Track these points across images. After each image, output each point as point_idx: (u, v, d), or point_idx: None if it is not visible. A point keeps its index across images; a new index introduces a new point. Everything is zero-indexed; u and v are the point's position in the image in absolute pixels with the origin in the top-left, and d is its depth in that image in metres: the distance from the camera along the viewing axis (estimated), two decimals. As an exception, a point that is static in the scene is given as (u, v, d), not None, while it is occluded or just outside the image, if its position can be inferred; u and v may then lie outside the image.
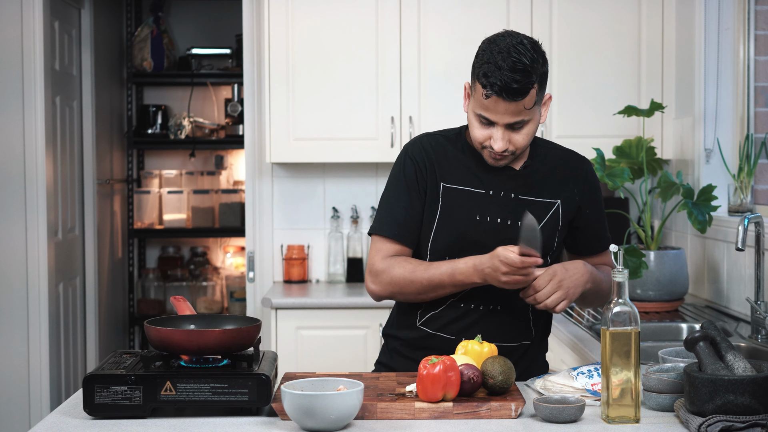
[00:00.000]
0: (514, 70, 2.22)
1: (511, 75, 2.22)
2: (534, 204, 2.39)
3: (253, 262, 4.63)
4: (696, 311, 3.57)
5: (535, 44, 2.30)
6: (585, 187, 2.46)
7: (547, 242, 2.39)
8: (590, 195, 2.48)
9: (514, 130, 2.31)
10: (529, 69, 2.23)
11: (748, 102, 3.75)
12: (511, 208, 2.39)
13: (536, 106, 2.30)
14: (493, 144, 2.32)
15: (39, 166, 4.68)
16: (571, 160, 2.48)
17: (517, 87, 2.23)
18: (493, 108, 2.28)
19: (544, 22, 4.24)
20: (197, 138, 6.06)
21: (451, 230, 2.39)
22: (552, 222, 2.41)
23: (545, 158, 2.44)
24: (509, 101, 2.25)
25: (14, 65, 4.65)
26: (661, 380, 2.08)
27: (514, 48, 2.25)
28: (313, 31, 4.27)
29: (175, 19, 6.38)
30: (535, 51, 2.27)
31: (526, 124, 2.31)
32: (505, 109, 2.27)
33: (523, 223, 2.25)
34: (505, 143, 2.31)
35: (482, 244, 2.36)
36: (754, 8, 3.73)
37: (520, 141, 2.32)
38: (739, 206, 3.61)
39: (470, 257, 2.33)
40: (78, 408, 2.11)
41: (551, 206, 2.41)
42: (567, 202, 2.43)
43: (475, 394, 2.13)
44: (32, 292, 4.70)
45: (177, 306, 2.35)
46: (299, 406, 1.94)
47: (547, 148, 2.48)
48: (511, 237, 2.34)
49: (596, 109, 4.26)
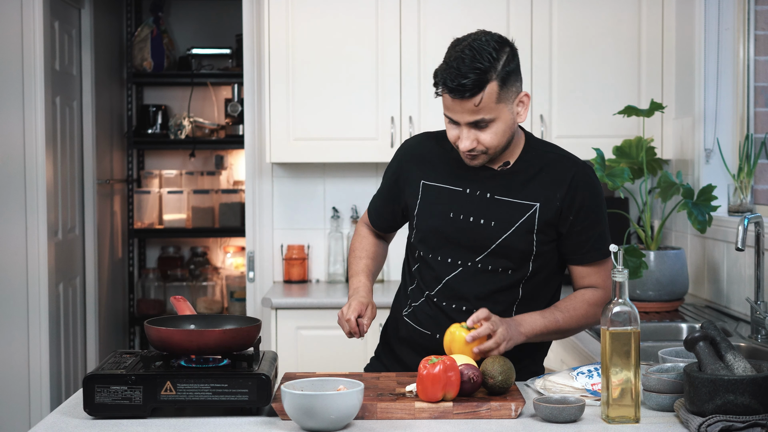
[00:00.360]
0: (462, 68, 2.22)
1: (458, 73, 2.22)
2: (509, 204, 2.38)
3: (253, 262, 4.63)
4: (696, 311, 3.57)
5: (500, 42, 2.28)
6: (571, 192, 2.37)
7: (522, 244, 2.38)
8: (576, 200, 2.37)
9: (480, 128, 2.30)
10: (480, 67, 2.22)
11: (748, 102, 3.75)
12: (485, 208, 2.39)
13: (501, 104, 2.27)
14: (459, 144, 2.33)
15: (39, 166, 4.68)
16: (562, 164, 2.40)
17: (465, 84, 2.22)
18: (452, 107, 2.29)
19: (544, 22, 4.24)
20: (197, 138, 6.06)
21: (427, 226, 2.44)
22: (527, 224, 2.37)
23: (534, 160, 2.41)
24: (460, 99, 2.25)
25: (14, 65, 4.65)
26: (661, 380, 2.08)
27: (468, 46, 2.25)
28: (313, 31, 4.27)
29: (175, 19, 6.38)
30: (497, 49, 2.25)
31: (492, 123, 2.29)
32: (461, 107, 2.27)
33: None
34: (470, 142, 2.31)
35: (456, 240, 2.40)
36: (754, 8, 3.73)
37: (487, 140, 2.31)
38: (739, 206, 3.61)
39: (362, 283, 2.49)
40: (78, 408, 2.11)
41: (528, 208, 2.38)
42: (546, 205, 2.37)
43: (475, 394, 2.13)
44: (32, 292, 4.70)
45: (177, 306, 2.35)
46: (299, 406, 1.94)
47: (541, 150, 2.44)
48: (485, 236, 2.37)
49: (596, 109, 4.26)
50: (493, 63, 2.24)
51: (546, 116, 4.26)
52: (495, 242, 2.37)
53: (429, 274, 2.45)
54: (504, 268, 2.39)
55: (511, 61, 2.28)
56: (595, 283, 2.44)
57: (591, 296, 2.42)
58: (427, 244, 2.44)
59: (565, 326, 2.38)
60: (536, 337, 2.35)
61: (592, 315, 2.42)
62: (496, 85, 2.25)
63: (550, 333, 2.38)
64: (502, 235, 2.37)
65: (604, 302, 2.40)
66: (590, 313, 2.41)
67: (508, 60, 2.27)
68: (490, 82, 2.24)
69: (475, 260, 2.39)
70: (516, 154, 2.41)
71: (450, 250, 2.41)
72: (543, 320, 2.35)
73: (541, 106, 4.26)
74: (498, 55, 2.25)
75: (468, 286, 2.40)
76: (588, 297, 2.42)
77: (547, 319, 2.35)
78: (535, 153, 2.42)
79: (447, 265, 2.42)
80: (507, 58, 2.27)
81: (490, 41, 2.26)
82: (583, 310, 2.40)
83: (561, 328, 2.38)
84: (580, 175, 2.40)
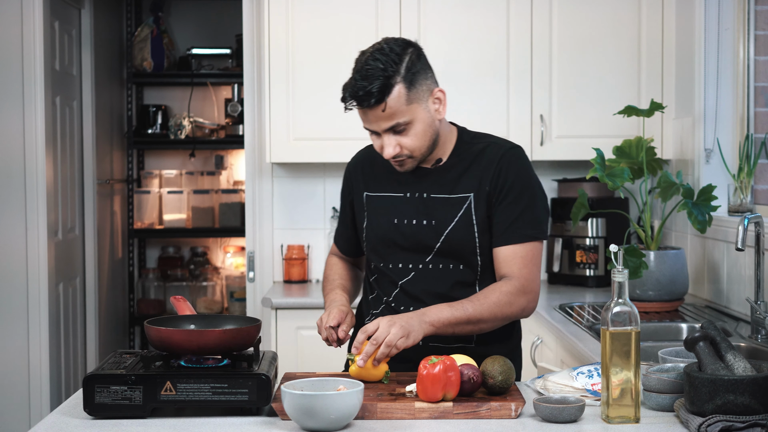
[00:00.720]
0: (364, 77, 2.23)
1: (360, 83, 2.23)
2: (445, 201, 2.39)
3: (253, 262, 4.63)
4: (696, 311, 3.57)
5: (402, 46, 2.28)
6: (497, 174, 2.36)
7: (465, 239, 2.37)
8: (501, 181, 2.36)
9: (399, 133, 2.30)
10: (379, 74, 2.23)
11: (748, 102, 3.75)
12: (424, 209, 2.40)
13: (414, 105, 2.28)
14: (383, 152, 2.33)
15: (39, 166, 4.68)
16: (490, 151, 2.39)
17: (370, 92, 2.23)
18: (366, 118, 2.30)
19: (544, 21, 4.24)
20: (197, 138, 6.06)
21: (375, 236, 2.46)
22: (465, 217, 2.37)
23: (466, 153, 2.41)
24: (369, 108, 2.26)
25: (14, 65, 4.65)
26: (661, 380, 2.08)
27: (371, 55, 2.26)
28: (314, 31, 4.27)
29: (175, 19, 6.38)
30: (398, 53, 2.26)
31: (409, 126, 2.30)
32: (374, 116, 2.28)
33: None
34: (393, 148, 2.31)
35: (403, 245, 2.42)
36: (754, 8, 3.73)
37: (410, 143, 2.31)
38: (739, 206, 3.61)
39: (338, 294, 2.48)
40: (78, 408, 2.11)
41: (464, 201, 2.38)
42: (479, 194, 2.37)
43: (475, 394, 2.13)
44: (32, 292, 4.70)
45: (177, 306, 2.35)
46: (299, 406, 1.94)
47: (471, 143, 2.43)
48: (429, 236, 2.38)
49: (596, 109, 4.26)
50: (395, 66, 2.25)
51: (546, 116, 4.26)
52: (439, 240, 2.38)
53: (385, 281, 2.47)
54: (454, 265, 2.40)
55: (416, 61, 2.28)
56: (509, 272, 2.36)
57: (503, 285, 2.35)
58: (378, 253, 2.47)
59: (475, 315, 2.30)
60: (447, 328, 2.28)
61: (506, 303, 2.33)
62: (402, 87, 2.25)
63: (460, 322, 2.29)
64: (444, 231, 2.38)
65: (520, 292, 2.34)
66: (503, 300, 2.33)
67: (412, 61, 2.27)
68: (396, 86, 2.24)
69: (425, 261, 2.41)
70: (448, 151, 2.42)
71: (400, 255, 2.43)
72: (450, 309, 2.29)
73: (541, 106, 4.26)
74: (400, 58, 2.26)
75: (423, 287, 2.41)
76: (500, 285, 2.35)
77: (455, 308, 2.29)
78: (466, 146, 2.42)
79: (399, 271, 2.44)
80: (410, 59, 2.27)
81: (391, 46, 2.27)
82: (494, 297, 2.32)
83: (471, 318, 2.30)
84: (507, 157, 2.38)
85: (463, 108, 4.26)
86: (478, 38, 4.26)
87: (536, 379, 2.28)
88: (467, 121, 4.25)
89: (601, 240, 4.29)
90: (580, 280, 4.31)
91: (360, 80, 2.24)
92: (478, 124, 4.25)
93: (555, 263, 4.40)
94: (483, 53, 4.26)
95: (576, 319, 3.45)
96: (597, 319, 3.45)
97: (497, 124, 4.26)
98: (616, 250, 2.05)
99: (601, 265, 4.27)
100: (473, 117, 4.26)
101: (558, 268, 4.39)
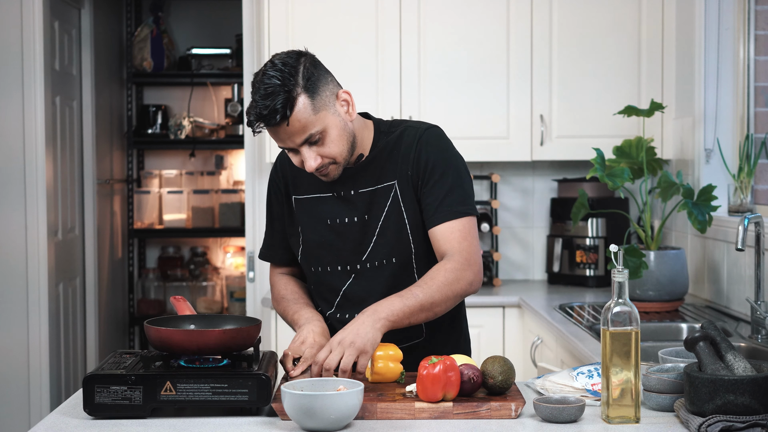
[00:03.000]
0: (264, 97, 2.17)
1: (262, 103, 2.17)
2: (372, 193, 2.36)
3: (253, 262, 4.63)
4: (696, 311, 3.57)
5: (294, 57, 2.23)
6: (417, 157, 2.33)
7: (397, 227, 2.35)
8: (422, 163, 2.33)
9: (316, 144, 2.25)
10: (279, 89, 2.17)
11: (748, 102, 3.75)
12: (355, 205, 2.37)
13: (322, 112, 2.23)
14: (305, 167, 2.27)
15: (39, 166, 4.68)
16: (407, 135, 2.36)
17: (275, 109, 2.17)
18: (278, 136, 2.24)
19: (544, 22, 4.24)
20: (197, 138, 6.06)
21: (310, 239, 2.41)
22: (394, 205, 2.35)
23: (385, 143, 2.38)
24: (278, 126, 2.20)
25: (14, 65, 4.65)
26: (661, 380, 2.08)
27: (264, 74, 2.20)
28: (313, 31, 4.26)
29: (175, 19, 6.38)
30: (291, 65, 2.21)
31: (324, 134, 2.25)
32: (285, 133, 2.22)
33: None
34: (315, 160, 2.25)
35: (338, 246, 2.38)
36: (754, 8, 3.73)
37: (329, 150, 2.26)
38: (739, 206, 3.61)
39: (313, 317, 2.36)
40: (78, 408, 2.11)
41: (390, 189, 2.35)
42: (402, 179, 2.35)
43: (475, 394, 2.13)
44: (32, 292, 4.70)
45: (177, 306, 2.35)
46: (299, 406, 1.94)
47: (388, 132, 2.40)
48: (364, 231, 2.34)
49: (596, 109, 4.26)
50: (293, 79, 2.19)
51: (546, 116, 4.26)
52: (375, 234, 2.35)
53: (324, 288, 2.43)
54: (392, 258, 2.36)
55: (312, 69, 2.23)
56: (449, 248, 2.31)
57: (446, 263, 2.30)
58: (315, 257, 2.42)
59: (427, 300, 2.24)
60: (401, 318, 2.23)
61: (454, 280, 2.27)
62: (305, 98, 2.20)
63: (414, 311, 2.24)
64: (378, 224, 2.35)
65: (464, 266, 2.29)
66: (450, 278, 2.27)
67: (307, 69, 2.22)
68: (298, 97, 2.19)
69: (362, 260, 2.37)
70: (368, 145, 2.38)
71: (338, 257, 2.39)
72: (401, 299, 2.24)
73: (541, 105, 4.26)
74: (295, 69, 2.20)
75: (365, 287, 2.38)
76: (443, 264, 2.30)
77: (405, 297, 2.24)
78: (384, 136, 2.39)
79: (339, 274, 2.40)
80: (305, 67, 2.22)
81: (284, 60, 2.21)
82: (441, 277, 2.27)
83: (424, 303, 2.24)
84: (426, 137, 2.36)
85: (463, 108, 4.26)
86: (478, 38, 4.26)
87: (536, 379, 2.28)
88: (467, 121, 4.28)
89: (601, 240, 4.29)
90: (580, 280, 4.31)
91: (261, 100, 2.17)
92: (478, 123, 4.27)
93: (555, 263, 4.40)
94: (483, 53, 4.26)
95: (576, 319, 3.45)
96: (597, 319, 3.45)
97: (497, 124, 4.26)
98: (616, 250, 2.05)
99: (601, 265, 4.27)
100: (473, 117, 4.27)
101: (558, 268, 4.39)
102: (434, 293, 2.25)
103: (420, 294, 2.24)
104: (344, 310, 2.41)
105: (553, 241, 4.42)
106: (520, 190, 4.63)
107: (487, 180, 4.48)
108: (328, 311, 2.44)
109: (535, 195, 4.63)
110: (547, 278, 4.48)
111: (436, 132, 2.38)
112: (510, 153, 4.29)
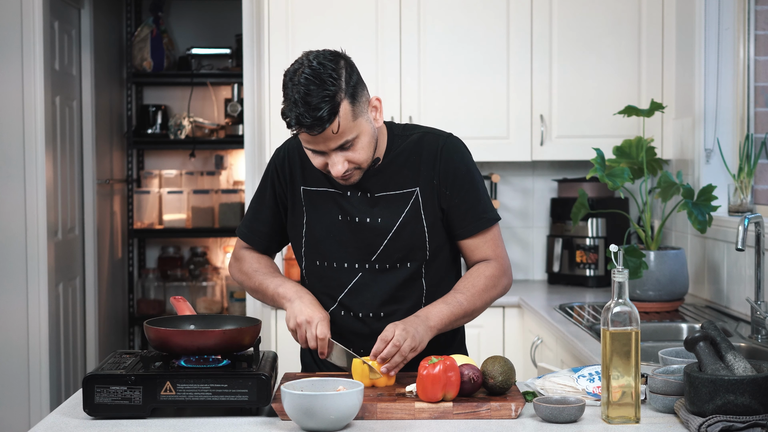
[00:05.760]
0: (311, 100, 2.13)
1: (308, 107, 2.13)
2: (390, 198, 2.34)
3: (253, 262, 4.62)
4: (696, 311, 3.57)
5: (333, 60, 2.18)
6: (440, 166, 2.33)
7: (414, 234, 2.34)
8: (447, 172, 2.34)
9: (347, 150, 2.23)
10: (328, 93, 2.14)
11: (748, 102, 3.75)
12: (369, 207, 2.35)
13: (359, 119, 2.21)
14: (331, 170, 2.25)
15: (39, 166, 4.68)
16: (425, 142, 2.36)
17: (321, 117, 2.13)
18: (313, 141, 2.20)
19: (544, 21, 4.24)
20: (197, 138, 6.06)
21: (318, 232, 2.38)
22: (413, 211, 2.34)
23: (401, 147, 2.36)
24: (317, 134, 2.17)
25: (14, 65, 4.65)
26: (668, 382, 2.08)
27: (307, 76, 2.14)
28: (313, 31, 4.26)
29: (175, 19, 6.38)
30: (334, 68, 2.17)
31: (356, 140, 2.23)
32: (323, 138, 2.19)
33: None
34: (342, 165, 2.23)
35: (346, 243, 2.36)
36: (754, 8, 3.73)
37: (358, 156, 2.24)
38: (739, 206, 3.61)
39: (295, 285, 2.37)
40: (78, 408, 2.11)
41: (410, 195, 2.34)
42: (426, 186, 2.34)
43: (475, 395, 2.13)
44: (32, 292, 4.70)
45: (177, 306, 2.35)
46: (299, 406, 1.94)
47: (402, 135, 2.39)
48: (375, 233, 2.33)
49: (596, 109, 4.26)
50: (337, 83, 2.15)
51: (546, 116, 4.26)
52: (386, 238, 2.34)
53: (325, 283, 2.40)
54: (401, 262, 2.36)
55: (351, 73, 2.20)
56: (486, 255, 2.39)
57: (486, 269, 2.36)
58: (319, 251, 2.39)
59: (470, 307, 2.32)
60: (446, 326, 2.29)
61: (492, 287, 2.36)
62: (348, 104, 2.17)
63: (458, 318, 2.31)
64: (391, 229, 2.33)
65: (501, 273, 2.37)
66: (490, 285, 2.35)
67: (349, 74, 2.19)
68: (342, 103, 2.16)
69: (371, 260, 2.36)
70: (383, 149, 2.36)
71: (344, 254, 2.37)
72: (448, 307, 2.29)
73: (541, 106, 4.26)
74: (338, 73, 2.17)
75: (370, 289, 2.37)
76: (483, 270, 2.36)
77: (452, 305, 2.29)
78: (400, 140, 2.37)
79: (345, 271, 2.38)
80: (347, 72, 2.19)
81: (321, 61, 2.17)
82: (482, 284, 2.34)
83: (467, 310, 2.32)
84: (449, 146, 2.36)
85: (463, 108, 4.26)
86: (477, 37, 4.26)
87: (536, 379, 2.28)
88: (467, 121, 4.28)
89: (601, 240, 4.29)
90: (580, 280, 4.31)
91: (306, 105, 2.13)
92: (478, 123, 4.27)
93: (555, 263, 4.40)
94: (483, 52, 4.26)
95: (576, 320, 3.45)
96: (597, 319, 3.45)
97: (497, 124, 4.26)
98: (616, 250, 2.05)
99: (601, 265, 4.27)
100: (473, 117, 4.27)
101: (558, 268, 4.39)
102: (476, 300, 2.34)
103: (465, 302, 2.32)
104: (347, 307, 2.40)
105: (553, 241, 4.42)
106: (520, 190, 4.63)
107: (487, 180, 4.48)
108: (330, 306, 2.42)
109: (535, 195, 4.63)
110: (547, 278, 4.48)
111: (457, 141, 2.39)
112: (510, 153, 4.29)
